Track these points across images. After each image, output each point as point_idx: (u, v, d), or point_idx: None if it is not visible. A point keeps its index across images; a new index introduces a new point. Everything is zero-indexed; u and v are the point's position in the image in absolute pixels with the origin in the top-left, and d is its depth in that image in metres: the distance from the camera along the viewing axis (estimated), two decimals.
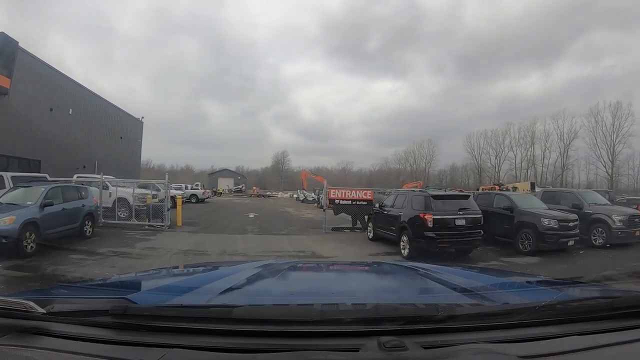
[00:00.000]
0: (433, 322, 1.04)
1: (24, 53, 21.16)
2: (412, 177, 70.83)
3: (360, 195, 14.21)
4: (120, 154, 34.40)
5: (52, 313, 1.06)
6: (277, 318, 1.04)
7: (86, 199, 10.93)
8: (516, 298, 1.39)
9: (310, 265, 2.61)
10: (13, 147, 19.88)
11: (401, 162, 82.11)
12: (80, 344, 0.98)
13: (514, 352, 0.94)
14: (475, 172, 71.83)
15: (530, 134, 65.30)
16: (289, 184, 76.80)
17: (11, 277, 6.47)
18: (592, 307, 1.20)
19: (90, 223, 10.87)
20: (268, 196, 55.91)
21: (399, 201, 10.45)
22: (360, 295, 1.56)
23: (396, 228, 9.92)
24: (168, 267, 2.82)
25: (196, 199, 31.01)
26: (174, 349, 0.93)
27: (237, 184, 71.98)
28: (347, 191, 14.16)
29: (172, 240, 10.84)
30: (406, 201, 9.97)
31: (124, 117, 37.51)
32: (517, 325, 1.09)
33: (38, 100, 22.18)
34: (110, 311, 1.04)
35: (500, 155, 69.43)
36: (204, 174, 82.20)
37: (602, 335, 1.07)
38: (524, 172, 64.75)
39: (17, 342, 0.98)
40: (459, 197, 10.02)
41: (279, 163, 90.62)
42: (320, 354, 0.90)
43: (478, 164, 71.29)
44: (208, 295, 1.32)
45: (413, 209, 9.48)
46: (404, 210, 9.78)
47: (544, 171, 63.62)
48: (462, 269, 2.23)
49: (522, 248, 9.87)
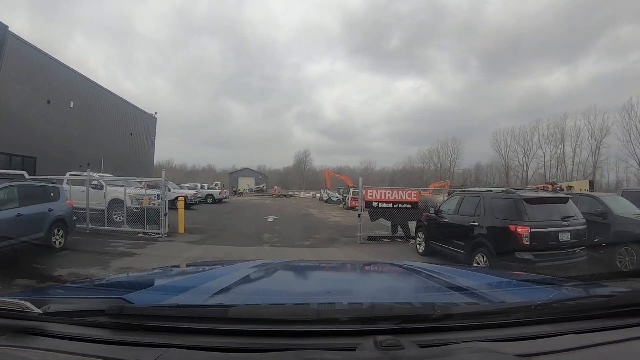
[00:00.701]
0: (429, 321, 1.04)
1: (16, 39, 19.39)
2: (437, 176, 69.28)
3: (404, 197, 11.46)
4: (130, 152, 32.22)
5: (48, 313, 1.05)
6: (273, 318, 1.03)
7: (57, 201, 8.51)
8: (512, 297, 1.39)
9: (307, 264, 2.54)
10: (2, 142, 17.88)
11: (425, 161, 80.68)
12: (76, 344, 0.97)
13: (510, 351, 0.93)
14: (502, 171, 69.26)
15: (560, 130, 62.42)
16: (312, 184, 76.65)
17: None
18: (588, 306, 1.20)
19: (62, 232, 8.45)
20: (290, 196, 54.65)
21: (469, 206, 7.71)
22: (356, 294, 1.56)
23: (466, 244, 7.31)
24: (165, 267, 2.67)
25: (213, 199, 29.06)
26: (171, 349, 0.93)
27: (258, 183, 70.60)
28: (388, 192, 11.43)
29: (163, 255, 8.62)
30: (481, 206, 7.27)
31: (135, 113, 35.17)
32: (513, 324, 1.09)
33: (33, 92, 20.17)
34: (106, 311, 1.03)
35: (528, 153, 66.52)
36: (226, 174, 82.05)
37: (599, 333, 1.07)
38: (553, 171, 62.13)
39: (14, 342, 0.97)
40: (558, 201, 7.02)
41: (301, 162, 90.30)
42: (317, 354, 0.89)
43: (505, 162, 68.60)
44: (205, 295, 1.30)
45: (496, 217, 6.79)
46: (480, 219, 7.16)
47: (574, 170, 60.36)
48: (459, 268, 2.34)
49: (620, 267, 7.44)
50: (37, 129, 20.04)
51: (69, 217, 8.84)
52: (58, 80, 22.92)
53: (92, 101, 26.99)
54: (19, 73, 19.16)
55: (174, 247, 9.54)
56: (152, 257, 8.18)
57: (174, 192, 20.47)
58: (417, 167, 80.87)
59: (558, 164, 62.36)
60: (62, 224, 8.51)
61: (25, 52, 20.13)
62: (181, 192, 21.06)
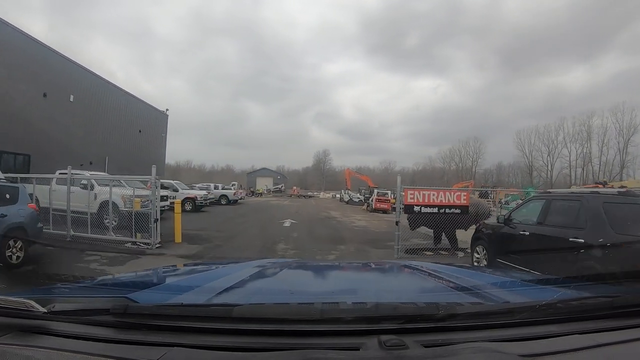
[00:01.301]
0: (433, 321, 1.03)
1: (5, 25, 17.98)
2: (458, 176, 68.18)
3: (451, 199, 9.27)
4: (138, 150, 30.24)
5: (53, 312, 1.05)
6: (277, 317, 1.02)
7: (14, 204, 6.67)
8: (517, 297, 1.38)
9: (311, 264, 2.50)
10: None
11: (446, 161, 79.20)
12: (81, 343, 0.97)
13: (514, 350, 0.93)
14: (525, 171, 67.44)
15: (587, 128, 60.33)
16: (330, 184, 75.95)
17: None
18: (593, 306, 1.19)
19: (20, 243, 6.60)
20: (309, 196, 53.34)
21: (562, 213, 5.59)
22: (360, 294, 1.56)
23: (562, 267, 5.02)
24: (168, 266, 2.67)
25: (227, 200, 27.38)
26: (175, 347, 0.93)
27: (276, 183, 69.32)
28: (432, 193, 9.17)
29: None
30: (586, 214, 5.04)
31: (145, 109, 33.32)
32: (517, 324, 1.08)
33: (26, 83, 18.50)
34: (111, 310, 1.04)
35: (553, 152, 64.69)
36: (244, 174, 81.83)
37: (603, 334, 1.06)
38: (578, 171, 61.07)
39: (18, 341, 0.97)
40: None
41: (320, 162, 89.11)
42: (321, 353, 0.89)
43: (529, 161, 66.76)
44: (209, 294, 1.30)
45: (616, 231, 4.67)
46: (586, 234, 4.94)
47: (600, 169, 58.35)
48: (463, 268, 2.23)
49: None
50: (32, 124, 18.48)
51: (30, 223, 6.97)
52: (55, 71, 21.24)
53: (95, 95, 25.13)
54: (10, 62, 17.67)
55: (160, 263, 7.49)
56: None
57: (182, 192, 18.92)
58: (438, 167, 79.62)
59: (584, 163, 60.48)
60: (20, 232, 6.68)
61: (17, 40, 18.71)
62: (190, 193, 19.46)
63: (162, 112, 37.09)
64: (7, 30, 18.18)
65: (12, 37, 18.43)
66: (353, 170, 49.65)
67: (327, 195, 59.19)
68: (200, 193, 20.39)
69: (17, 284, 5.93)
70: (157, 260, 7.84)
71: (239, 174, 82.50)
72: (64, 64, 22.76)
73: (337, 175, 78.18)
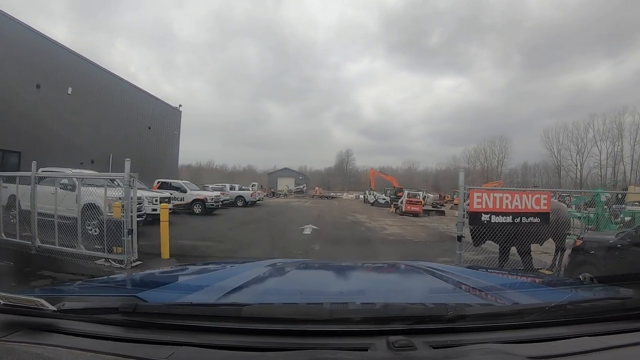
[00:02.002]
0: (442, 322, 1.02)
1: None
2: (483, 176, 66.05)
3: (529, 204, 6.74)
4: (148, 148, 28.49)
5: (62, 310, 1.05)
6: (286, 317, 1.02)
7: None
8: (526, 298, 1.36)
9: (320, 264, 2.53)
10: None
11: (470, 161, 75.79)
12: (90, 341, 0.97)
13: (523, 352, 0.92)
14: (552, 170, 64.78)
15: (618, 125, 56.89)
16: (353, 184, 74.68)
17: None
18: (604, 308, 1.18)
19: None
20: (332, 197, 51.51)
21: None
22: (369, 294, 1.55)
23: None
24: (178, 265, 2.73)
25: (243, 201, 25.61)
26: (184, 346, 0.93)
27: (298, 183, 67.18)
28: (505, 196, 6.64)
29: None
30: None
31: (155, 104, 31.40)
32: (527, 326, 1.07)
33: (17, 73, 16.89)
34: (120, 309, 1.04)
35: (582, 151, 61.16)
36: (266, 175, 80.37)
37: (614, 336, 1.04)
38: (609, 170, 57.51)
39: (28, 339, 0.98)
40: None
41: (342, 162, 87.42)
42: (329, 353, 0.89)
43: (557, 160, 63.93)
44: (218, 293, 1.30)
45: None
46: None
47: (632, 169, 55.43)
48: (472, 269, 2.27)
49: None
50: (23, 119, 16.80)
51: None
52: (51, 61, 19.48)
53: (97, 88, 23.25)
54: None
55: None
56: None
57: (190, 193, 17.00)
58: (462, 167, 76.86)
59: (615, 162, 57.18)
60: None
61: (7, 26, 17.18)
62: (200, 194, 17.47)
63: (175, 109, 35.28)
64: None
65: (5, 24, 17.07)
66: (377, 170, 47.28)
67: (350, 196, 57.46)
68: (211, 194, 18.51)
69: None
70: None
71: (260, 174, 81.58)
72: (61, 53, 21.00)
73: (360, 175, 76.98)
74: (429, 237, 9.19)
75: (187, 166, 78.13)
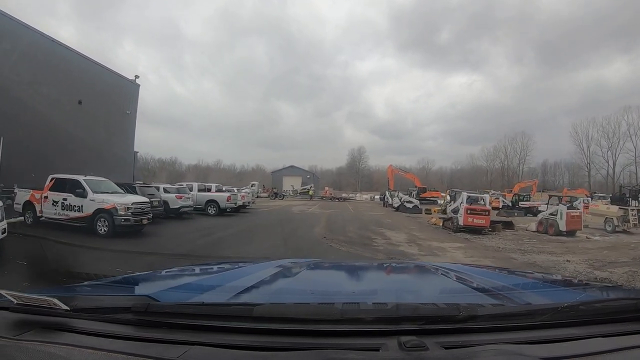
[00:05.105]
0: (454, 322, 1.02)
1: None
2: (503, 175, 64.16)
3: None
4: (73, 129, 19.07)
5: (75, 310, 1.06)
6: (298, 316, 1.02)
7: None
8: (538, 298, 1.35)
9: (331, 264, 2.51)
10: None
11: (489, 159, 72.18)
12: (102, 340, 0.98)
13: (535, 353, 0.91)
14: (579, 168, 62.31)
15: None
16: (367, 184, 71.81)
17: None
18: (616, 309, 1.16)
19: None
20: (344, 199, 46.37)
21: None
22: (381, 294, 1.54)
23: None
24: (189, 265, 2.69)
25: (216, 209, 18.87)
26: (196, 346, 0.93)
27: (305, 183, 56.09)
28: None
29: None
30: None
31: (93, 71, 22.10)
32: (539, 326, 1.07)
33: None
34: (132, 308, 1.04)
35: (615, 146, 57.87)
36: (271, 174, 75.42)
37: (626, 337, 1.03)
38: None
39: (41, 337, 0.98)
40: None
41: (355, 161, 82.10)
42: (341, 353, 0.88)
43: (587, 157, 60.92)
44: (229, 293, 1.30)
45: None
46: None
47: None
48: (484, 268, 2.27)
49: None
50: None
51: None
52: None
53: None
54: None
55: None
56: None
57: (93, 198, 10.72)
58: (479, 165, 73.70)
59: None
60: None
61: None
62: (108, 200, 10.72)
63: (130, 81, 26.63)
64: None
65: None
66: (397, 168, 40.03)
67: (364, 197, 52.62)
68: (128, 200, 11.12)
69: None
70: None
71: (270, 174, 78.22)
72: None
73: (373, 174, 73.98)
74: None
75: (195, 165, 76.35)
